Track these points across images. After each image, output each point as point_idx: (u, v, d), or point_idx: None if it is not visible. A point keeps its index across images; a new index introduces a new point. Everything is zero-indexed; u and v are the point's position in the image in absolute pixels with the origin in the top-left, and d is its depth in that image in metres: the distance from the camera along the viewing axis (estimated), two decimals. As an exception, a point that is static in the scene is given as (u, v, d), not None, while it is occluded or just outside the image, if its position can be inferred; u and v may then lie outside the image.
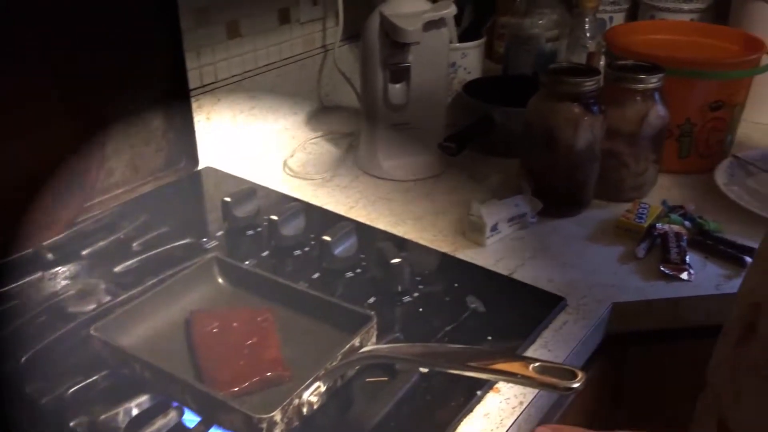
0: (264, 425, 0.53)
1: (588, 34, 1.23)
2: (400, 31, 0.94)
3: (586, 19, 1.22)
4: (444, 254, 0.88)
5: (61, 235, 0.83)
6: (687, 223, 0.92)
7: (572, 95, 0.89)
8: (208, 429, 0.57)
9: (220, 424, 0.56)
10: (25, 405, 0.62)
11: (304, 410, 0.56)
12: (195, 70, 1.05)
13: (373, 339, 0.63)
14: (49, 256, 0.78)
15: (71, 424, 0.59)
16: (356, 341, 0.60)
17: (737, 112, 1.06)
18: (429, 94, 1.04)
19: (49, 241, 0.81)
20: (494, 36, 1.45)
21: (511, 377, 0.46)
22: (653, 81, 0.93)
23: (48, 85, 0.83)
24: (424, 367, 0.61)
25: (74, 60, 0.85)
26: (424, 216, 0.96)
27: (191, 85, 1.02)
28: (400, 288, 0.79)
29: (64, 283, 0.77)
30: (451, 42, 1.05)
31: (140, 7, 0.92)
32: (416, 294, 0.79)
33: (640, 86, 0.93)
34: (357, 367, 0.62)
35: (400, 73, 1.00)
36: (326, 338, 0.64)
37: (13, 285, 0.74)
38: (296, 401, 0.55)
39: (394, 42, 0.96)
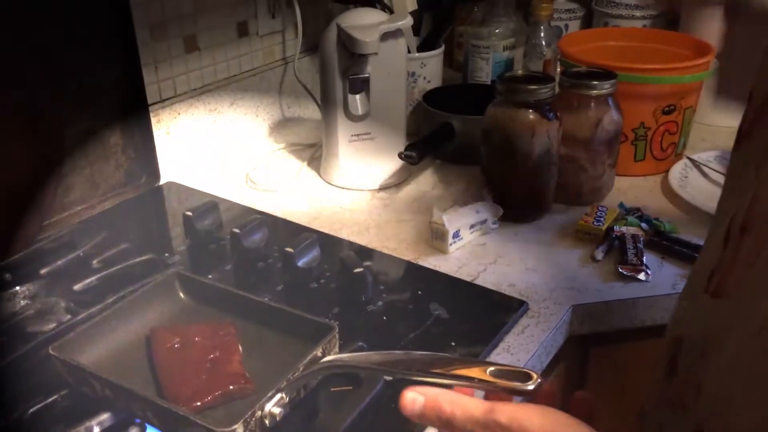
0: (226, 439, 0.53)
1: (544, 42, 1.25)
2: (358, 42, 0.95)
3: (542, 27, 1.25)
4: (407, 262, 0.88)
5: (19, 255, 0.81)
6: (644, 224, 0.95)
7: (528, 102, 0.91)
8: (171, 445, 0.57)
9: (183, 440, 0.56)
10: (-17, 428, 0.61)
11: (267, 422, 0.56)
12: (153, 85, 1.05)
13: (336, 349, 0.64)
14: (7, 276, 0.77)
15: (31, 445, 0.59)
16: (318, 351, 0.60)
17: (689, 115, 1.09)
18: (389, 104, 1.05)
19: (6, 261, 0.79)
20: (453, 45, 1.47)
21: (469, 382, 0.47)
22: (606, 87, 0.95)
23: (1, 102, 0.82)
24: (385, 375, 0.61)
25: (28, 75, 0.84)
26: (386, 225, 0.97)
27: (150, 100, 1.02)
28: (363, 297, 0.79)
29: (23, 302, 0.76)
30: (409, 52, 1.06)
31: (94, 22, 0.91)
32: (380, 303, 0.80)
33: (594, 92, 0.96)
34: (320, 377, 0.62)
35: (359, 84, 1.01)
36: (289, 350, 0.64)
37: (-30, 307, 0.73)
38: (259, 413, 0.55)
39: (352, 53, 0.97)
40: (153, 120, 1.03)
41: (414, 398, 0.43)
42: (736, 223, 0.42)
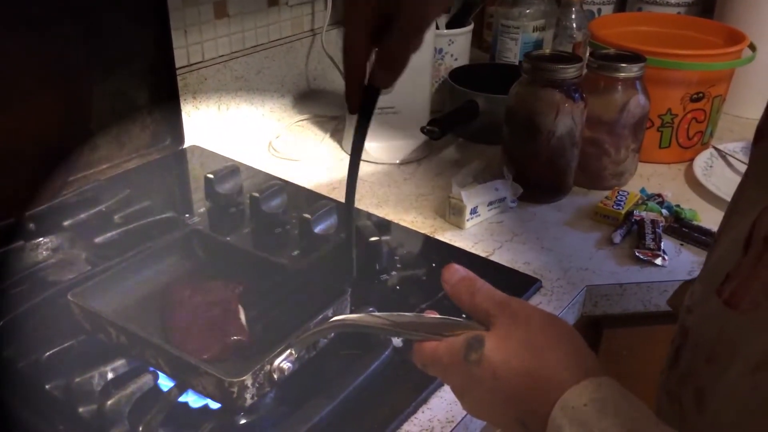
0: (235, 389, 0.54)
1: (574, 25, 1.23)
2: (386, 14, 0.95)
3: (573, 10, 1.23)
4: (423, 236, 0.89)
5: (44, 206, 0.83)
6: (664, 210, 0.94)
7: (553, 81, 0.90)
8: (182, 393, 0.58)
9: (193, 388, 0.57)
10: (1, 368, 0.63)
11: (275, 376, 0.57)
12: (182, 49, 1.06)
13: (347, 312, 0.65)
14: (31, 226, 0.79)
15: (47, 386, 0.60)
16: (329, 312, 0.61)
17: (718, 104, 1.07)
18: (414, 79, 1.04)
19: (31, 212, 0.81)
20: (483, 24, 1.46)
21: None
22: (634, 70, 0.94)
23: (34, 59, 0.84)
24: (395, 336, 0.62)
25: (62, 33, 0.85)
26: (405, 198, 0.98)
27: (178, 64, 1.03)
28: (378, 266, 0.80)
29: (45, 253, 0.78)
30: (437, 28, 1.06)
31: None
32: (394, 273, 0.80)
33: (621, 75, 0.95)
34: (330, 336, 0.63)
35: (386, 57, 1.01)
36: (301, 310, 0.65)
37: (-6, 252, 0.75)
38: (267, 367, 0.56)
39: (380, 25, 0.97)
40: (180, 84, 1.04)
41: (456, 269, 0.47)
42: (759, 230, 0.39)
